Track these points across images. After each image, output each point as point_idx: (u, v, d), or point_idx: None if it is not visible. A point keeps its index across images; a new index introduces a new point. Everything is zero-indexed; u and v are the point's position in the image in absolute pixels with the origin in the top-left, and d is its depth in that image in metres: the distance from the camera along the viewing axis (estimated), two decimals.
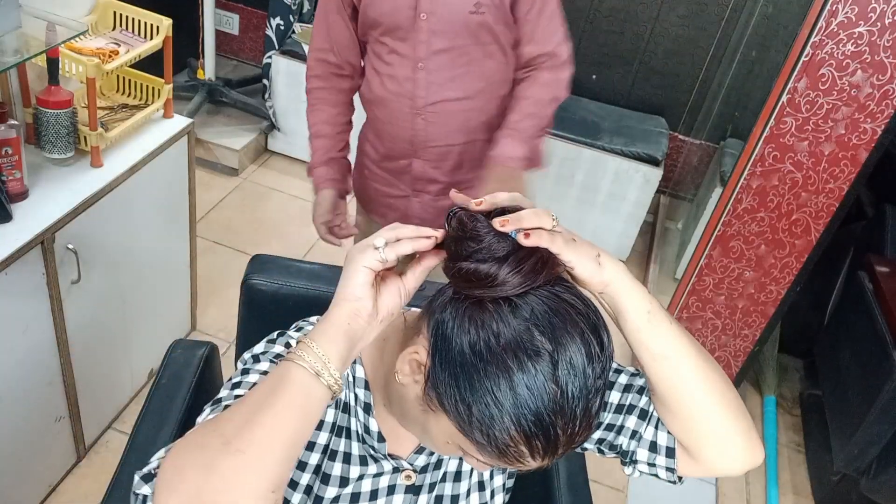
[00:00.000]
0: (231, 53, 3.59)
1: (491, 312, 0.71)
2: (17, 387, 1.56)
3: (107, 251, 1.71)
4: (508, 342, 0.69)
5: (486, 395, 0.69)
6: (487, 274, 0.71)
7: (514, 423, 0.69)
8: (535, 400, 0.68)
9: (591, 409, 0.71)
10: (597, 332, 0.72)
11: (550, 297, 0.72)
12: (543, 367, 0.69)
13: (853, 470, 2.03)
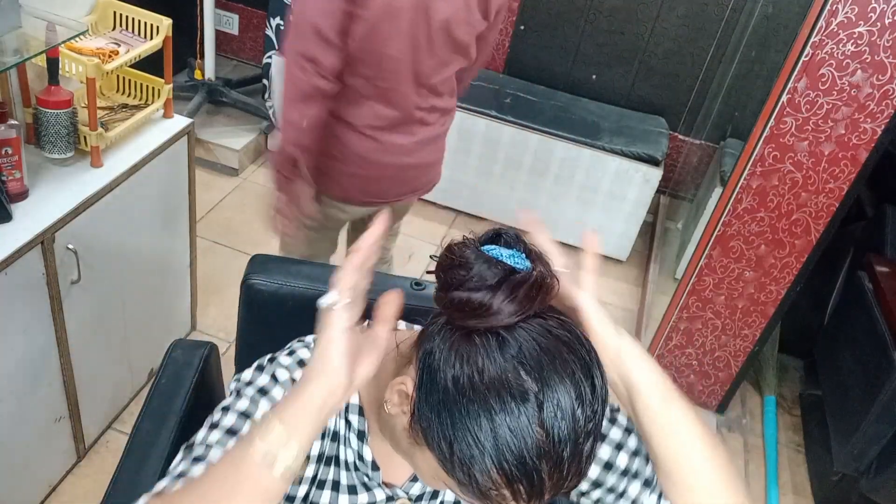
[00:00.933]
0: (231, 53, 3.59)
1: (478, 346, 0.68)
2: (17, 387, 1.56)
3: (107, 251, 1.71)
4: (492, 380, 0.66)
5: (467, 434, 0.66)
6: (481, 303, 0.68)
7: (496, 465, 0.65)
8: (517, 442, 0.65)
9: (582, 453, 0.67)
10: (589, 372, 0.68)
11: (542, 332, 0.68)
12: (528, 408, 0.65)
13: (853, 470, 2.03)
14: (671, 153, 3.19)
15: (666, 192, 3.33)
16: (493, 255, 0.72)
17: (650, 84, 3.12)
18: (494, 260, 0.71)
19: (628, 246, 3.02)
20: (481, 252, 0.72)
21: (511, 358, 0.67)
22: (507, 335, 0.68)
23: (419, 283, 1.20)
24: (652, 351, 2.44)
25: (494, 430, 0.65)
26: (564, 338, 0.69)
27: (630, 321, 2.81)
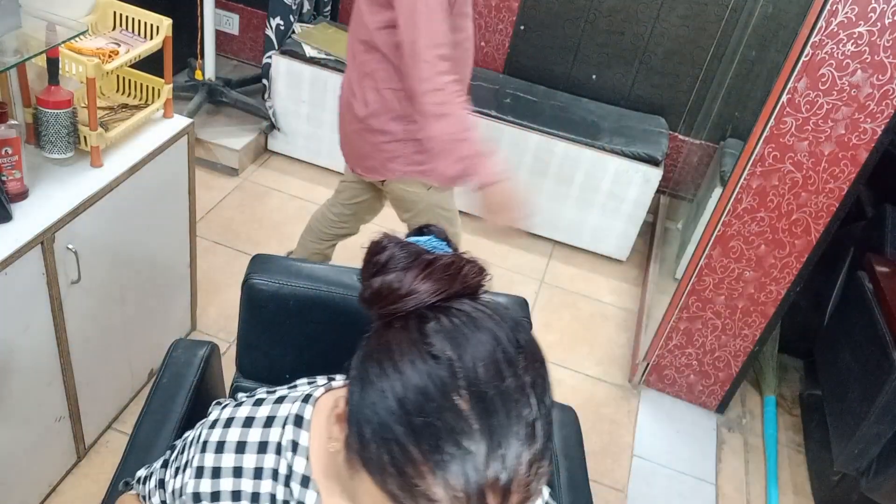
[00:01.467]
0: (231, 53, 3.59)
1: (396, 329, 0.65)
2: (17, 387, 1.56)
3: (107, 251, 1.71)
4: (405, 351, 0.62)
5: (376, 405, 0.62)
6: (396, 285, 0.66)
7: (416, 446, 0.59)
8: (425, 403, 0.59)
9: (518, 430, 0.60)
10: (515, 339, 0.64)
11: (464, 312, 0.65)
12: (442, 374, 0.60)
13: (853, 470, 2.03)
14: (671, 153, 3.19)
15: (666, 192, 3.33)
16: (415, 240, 0.72)
17: (650, 84, 3.12)
18: (409, 244, 0.70)
19: (628, 246, 3.02)
20: (397, 239, 0.71)
21: (428, 329, 0.63)
22: (427, 315, 0.65)
23: None
24: (652, 351, 2.44)
25: (404, 385, 0.60)
26: (492, 319, 0.65)
27: (630, 321, 2.81)
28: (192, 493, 0.84)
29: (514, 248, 3.04)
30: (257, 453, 0.83)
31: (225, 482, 0.84)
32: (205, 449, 0.85)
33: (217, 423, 0.86)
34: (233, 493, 0.84)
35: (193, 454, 0.86)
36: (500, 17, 3.12)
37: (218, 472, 0.84)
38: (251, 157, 3.16)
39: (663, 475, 2.25)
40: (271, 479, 0.83)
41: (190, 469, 0.85)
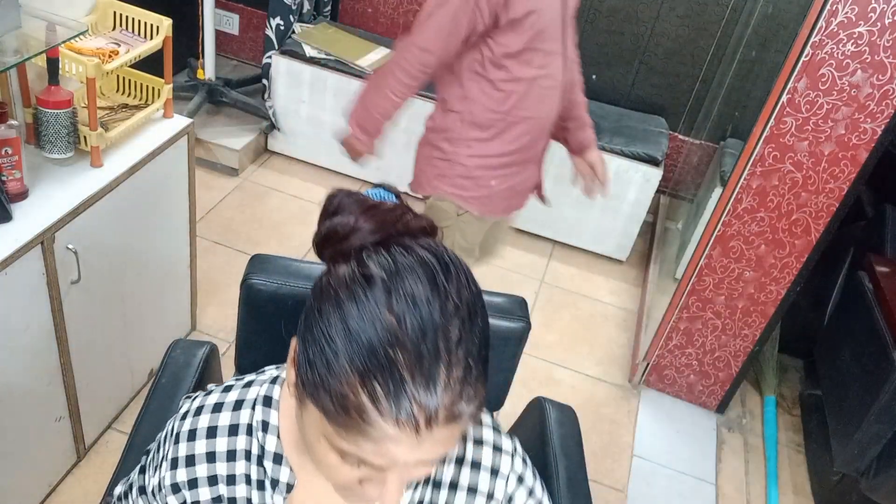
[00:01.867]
0: (231, 53, 3.59)
1: (340, 263, 0.69)
2: (17, 387, 1.56)
3: (107, 251, 1.71)
4: (343, 278, 0.66)
5: (322, 338, 0.64)
6: (342, 225, 0.70)
7: (348, 361, 0.62)
8: (366, 330, 0.62)
9: (446, 355, 0.63)
10: (449, 271, 0.66)
11: (404, 248, 0.68)
12: (376, 294, 0.63)
13: (853, 470, 2.03)
14: (671, 153, 3.19)
15: (666, 192, 3.33)
16: (365, 192, 0.77)
17: (650, 84, 3.12)
18: (357, 193, 0.75)
19: (628, 246, 3.02)
20: (348, 190, 0.75)
21: (365, 259, 0.67)
22: (367, 249, 0.68)
23: None
24: (652, 351, 2.44)
25: (344, 322, 0.63)
26: (427, 250, 0.68)
27: (630, 321, 2.81)
28: (171, 485, 0.86)
29: (514, 248, 3.04)
30: (228, 436, 0.84)
31: (200, 468, 0.85)
32: (177, 440, 0.86)
33: (188, 414, 0.87)
34: (209, 479, 0.85)
35: (168, 448, 0.87)
36: None
37: (192, 460, 0.85)
38: (251, 157, 3.16)
39: (663, 475, 2.25)
40: (245, 459, 0.84)
41: (165, 462, 0.86)
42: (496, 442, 0.89)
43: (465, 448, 0.87)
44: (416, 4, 3.18)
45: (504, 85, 1.65)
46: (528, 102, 1.68)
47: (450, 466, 0.86)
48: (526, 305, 1.27)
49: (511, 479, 0.88)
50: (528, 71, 1.64)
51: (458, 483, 0.86)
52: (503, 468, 0.88)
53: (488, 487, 0.87)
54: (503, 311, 1.23)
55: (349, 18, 3.31)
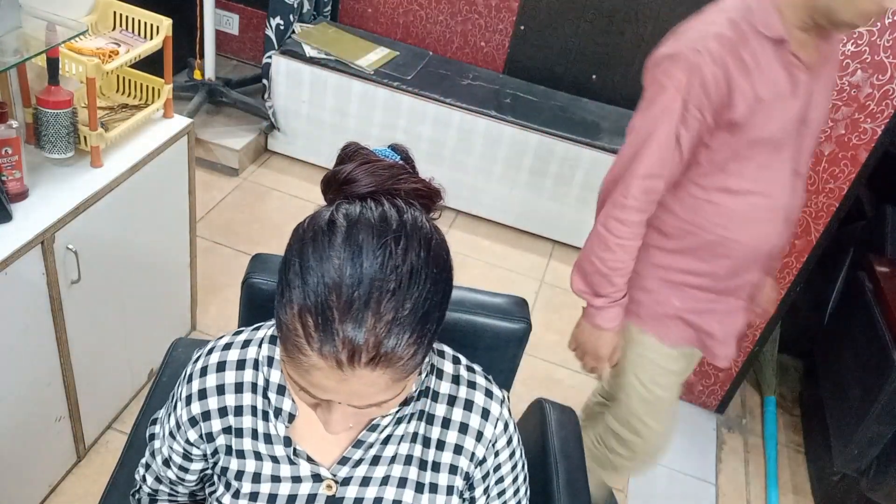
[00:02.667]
0: (231, 53, 3.59)
1: (326, 209, 0.76)
2: (17, 387, 1.56)
3: (107, 251, 1.71)
4: (316, 220, 0.74)
5: (284, 272, 0.73)
6: (340, 170, 0.78)
7: (295, 295, 0.71)
8: (314, 271, 0.70)
9: (376, 305, 0.68)
10: (399, 230, 0.72)
11: (384, 209, 0.74)
12: (333, 240, 0.71)
13: (853, 470, 2.03)
14: None
15: None
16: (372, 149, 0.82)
17: None
18: (363, 147, 0.81)
19: None
20: (359, 145, 0.82)
21: (342, 214, 0.73)
22: (351, 201, 0.75)
23: None
24: None
25: (301, 261, 0.72)
26: (396, 209, 0.74)
27: None
28: (188, 420, 0.94)
29: (514, 248, 3.04)
30: (236, 370, 0.93)
31: (211, 401, 0.92)
32: (190, 379, 0.94)
33: (199, 358, 0.95)
34: (219, 410, 0.93)
35: (181, 389, 0.95)
36: (500, 17, 3.12)
37: (204, 394, 0.93)
38: (251, 157, 3.16)
39: (663, 475, 2.25)
40: (251, 391, 0.92)
41: (180, 402, 0.94)
42: (488, 388, 0.96)
43: (458, 389, 0.94)
44: (415, 4, 3.18)
45: (701, 193, 1.36)
46: (732, 220, 1.37)
47: (443, 405, 0.93)
48: (526, 306, 1.27)
49: (499, 424, 0.95)
50: (739, 183, 1.34)
51: (451, 419, 0.93)
52: (493, 411, 0.95)
53: (478, 427, 0.94)
54: (503, 311, 1.23)
55: (349, 18, 3.31)
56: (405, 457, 0.93)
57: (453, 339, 1.18)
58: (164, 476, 1.02)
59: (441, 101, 2.87)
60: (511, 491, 0.99)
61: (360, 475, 0.92)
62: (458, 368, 0.97)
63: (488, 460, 0.95)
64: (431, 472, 0.93)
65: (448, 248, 0.78)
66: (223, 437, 0.93)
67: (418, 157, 0.86)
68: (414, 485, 0.93)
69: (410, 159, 0.85)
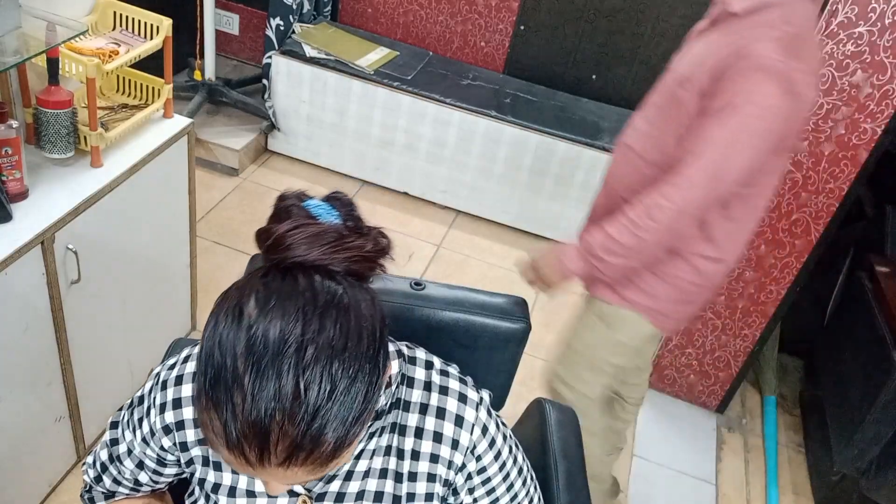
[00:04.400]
0: (231, 53, 3.59)
1: (249, 274, 0.73)
2: (17, 387, 1.56)
3: (107, 251, 1.71)
4: (232, 295, 0.71)
5: (201, 351, 0.70)
6: (267, 231, 0.75)
7: (201, 373, 0.68)
8: (217, 355, 0.68)
9: (284, 415, 0.65)
10: (321, 325, 0.68)
11: (313, 280, 0.71)
12: (240, 328, 0.68)
13: (853, 470, 2.03)
14: None
15: None
16: (307, 203, 0.78)
17: (650, 84, 3.11)
18: (300, 203, 0.78)
19: None
20: (292, 199, 0.78)
21: (253, 304, 0.69)
22: (275, 273, 0.72)
23: (419, 282, 1.20)
24: None
25: (210, 336, 0.69)
26: (330, 298, 0.70)
27: None
28: (162, 428, 0.92)
29: (514, 248, 3.04)
30: None
31: (186, 411, 0.90)
32: (165, 387, 0.92)
33: (175, 364, 0.93)
34: (195, 421, 0.90)
35: (156, 395, 0.93)
36: (500, 17, 3.12)
37: (179, 403, 0.91)
38: (251, 157, 3.16)
39: (663, 475, 2.25)
40: None
41: (154, 409, 0.92)
42: (462, 391, 0.93)
43: (429, 396, 0.91)
44: (415, 4, 3.18)
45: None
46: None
47: (415, 414, 0.91)
48: (526, 306, 1.27)
49: (475, 429, 0.92)
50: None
51: (424, 428, 0.91)
52: (468, 417, 0.91)
53: (453, 435, 0.91)
54: (503, 311, 1.22)
55: (349, 18, 3.31)
56: (379, 471, 0.91)
57: (453, 338, 1.18)
58: (130, 479, 1.00)
59: (441, 101, 2.87)
60: (503, 489, 0.97)
61: (334, 490, 0.91)
62: (430, 374, 0.93)
63: (468, 466, 0.93)
64: (408, 482, 0.92)
65: (376, 325, 0.73)
66: (199, 448, 0.92)
67: (418, 157, 0.85)
68: (391, 498, 0.92)
69: (353, 214, 0.81)
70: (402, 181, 3.12)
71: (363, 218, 0.82)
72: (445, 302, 1.18)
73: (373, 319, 0.73)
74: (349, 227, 0.78)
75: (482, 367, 1.21)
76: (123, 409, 0.99)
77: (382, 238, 0.80)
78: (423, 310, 1.17)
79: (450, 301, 1.19)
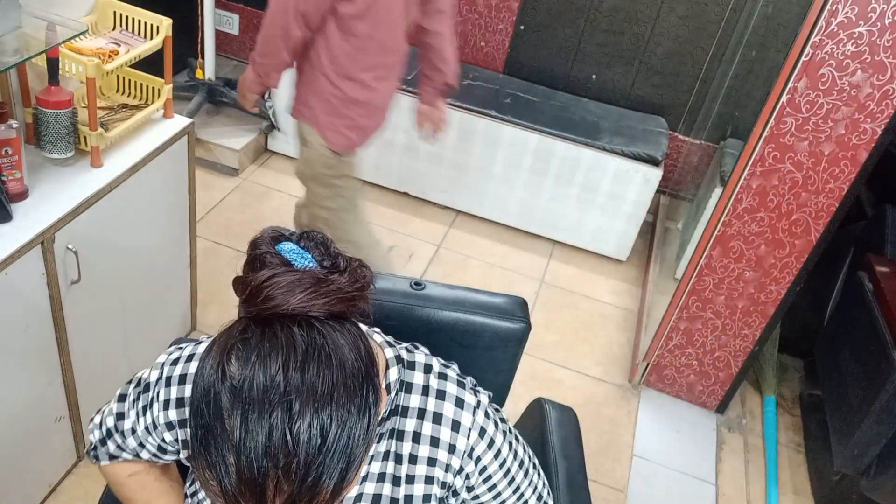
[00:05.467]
0: (231, 53, 3.59)
1: (231, 326, 0.73)
2: (17, 387, 1.56)
3: (107, 251, 1.71)
4: (213, 351, 0.71)
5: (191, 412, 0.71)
6: (239, 282, 0.76)
7: (192, 427, 0.69)
8: (207, 416, 0.68)
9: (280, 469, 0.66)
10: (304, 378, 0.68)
11: (293, 335, 0.70)
12: (221, 398, 0.68)
13: (853, 470, 2.03)
14: (671, 153, 3.19)
15: (666, 192, 3.33)
16: (280, 248, 0.78)
17: (650, 84, 3.12)
18: (273, 252, 0.77)
19: (628, 246, 3.02)
20: (265, 246, 0.78)
21: (237, 337, 0.71)
22: (254, 328, 0.71)
23: (419, 282, 1.20)
24: (652, 351, 2.44)
25: (196, 389, 0.70)
26: (312, 349, 0.70)
27: (630, 321, 2.81)
28: (165, 423, 0.95)
29: (514, 248, 3.04)
30: None
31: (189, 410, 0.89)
32: (169, 384, 0.95)
33: (179, 360, 0.96)
34: None
35: (160, 390, 0.95)
36: (500, 17, 3.12)
37: (182, 402, 0.93)
38: (251, 157, 3.16)
39: (663, 475, 2.25)
40: None
41: (157, 403, 0.95)
42: (459, 396, 0.93)
43: (427, 401, 0.92)
44: None
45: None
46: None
47: (413, 419, 0.92)
48: (526, 306, 1.27)
49: (472, 433, 0.92)
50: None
51: (422, 433, 0.91)
52: (464, 422, 0.92)
53: (450, 440, 0.91)
54: (503, 311, 1.23)
55: None
56: (377, 475, 0.92)
57: (453, 338, 1.18)
58: (132, 452, 1.04)
59: None
60: (504, 484, 0.98)
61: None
62: (428, 378, 0.94)
63: (467, 468, 0.94)
64: (406, 484, 0.93)
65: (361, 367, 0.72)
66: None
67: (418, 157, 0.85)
68: (388, 500, 0.93)
69: (329, 252, 0.81)
70: (402, 181, 3.12)
71: (340, 252, 0.81)
72: (445, 302, 1.18)
73: (357, 362, 0.72)
74: (325, 266, 0.78)
75: (482, 367, 1.21)
76: (132, 383, 1.02)
77: (362, 270, 0.79)
78: (423, 310, 1.17)
79: (450, 301, 1.19)
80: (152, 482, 1.06)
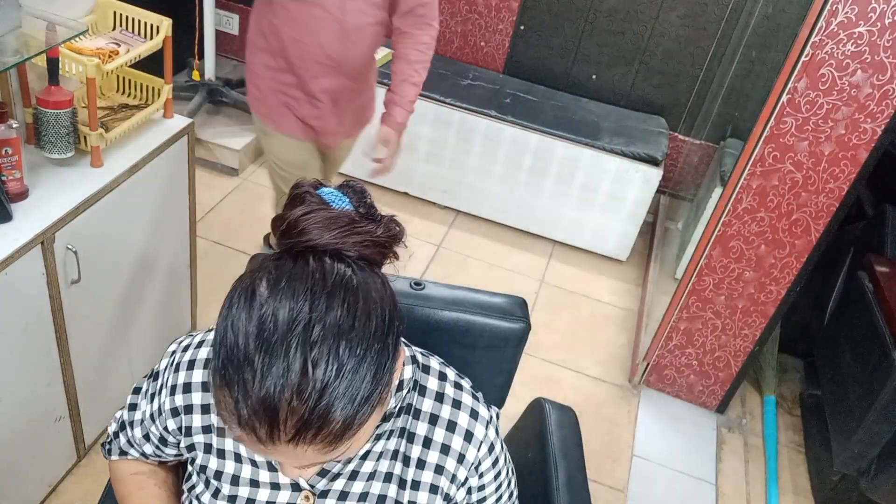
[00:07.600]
0: (231, 53, 3.59)
1: (263, 257, 0.76)
2: (17, 387, 1.56)
3: (107, 251, 1.71)
4: (246, 277, 0.73)
5: (216, 335, 0.72)
6: (281, 217, 0.76)
7: (215, 355, 0.70)
8: (230, 335, 0.69)
9: (294, 391, 0.66)
10: (329, 305, 0.69)
11: (324, 265, 0.72)
12: (252, 307, 0.69)
13: (853, 470, 2.03)
14: (671, 153, 3.19)
15: (666, 192, 3.33)
16: (320, 191, 0.79)
17: (650, 84, 3.12)
18: (313, 190, 0.79)
19: (628, 246, 3.02)
20: (306, 187, 0.79)
21: (265, 285, 0.71)
22: (286, 257, 0.73)
23: (419, 282, 1.20)
24: (652, 351, 2.44)
25: (224, 320, 0.70)
26: (339, 279, 0.71)
27: (630, 321, 2.81)
28: (170, 409, 0.95)
29: (515, 248, 3.04)
30: None
31: (195, 396, 0.93)
32: (177, 369, 0.94)
33: (189, 347, 0.96)
34: (202, 406, 0.93)
35: (168, 375, 0.95)
36: (500, 17, 3.12)
37: (189, 388, 0.93)
38: (251, 157, 3.16)
39: (663, 475, 2.25)
40: None
41: (165, 389, 0.95)
42: (474, 408, 0.94)
43: (441, 408, 0.92)
44: None
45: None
46: (297, 25, 1.81)
47: (424, 423, 0.92)
48: (526, 306, 1.27)
49: (483, 447, 0.93)
50: None
51: (433, 439, 0.91)
52: (477, 433, 0.93)
53: (461, 449, 0.92)
54: (503, 311, 1.23)
55: None
56: (384, 474, 0.92)
57: (453, 338, 1.18)
58: (138, 447, 1.04)
59: (441, 101, 2.87)
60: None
61: (337, 489, 0.91)
62: (443, 385, 0.94)
63: (471, 481, 0.94)
64: (411, 490, 0.93)
65: (386, 308, 0.74)
66: (202, 436, 0.93)
67: (418, 157, 0.86)
68: (393, 503, 0.93)
69: (365, 201, 0.82)
70: (402, 181, 3.12)
71: (376, 206, 0.83)
72: (445, 302, 1.18)
73: (382, 302, 0.74)
74: (361, 213, 0.80)
75: (482, 367, 1.21)
76: (147, 376, 1.01)
77: (395, 225, 0.81)
78: (422, 310, 1.17)
79: (450, 301, 1.19)
80: (151, 486, 1.05)
